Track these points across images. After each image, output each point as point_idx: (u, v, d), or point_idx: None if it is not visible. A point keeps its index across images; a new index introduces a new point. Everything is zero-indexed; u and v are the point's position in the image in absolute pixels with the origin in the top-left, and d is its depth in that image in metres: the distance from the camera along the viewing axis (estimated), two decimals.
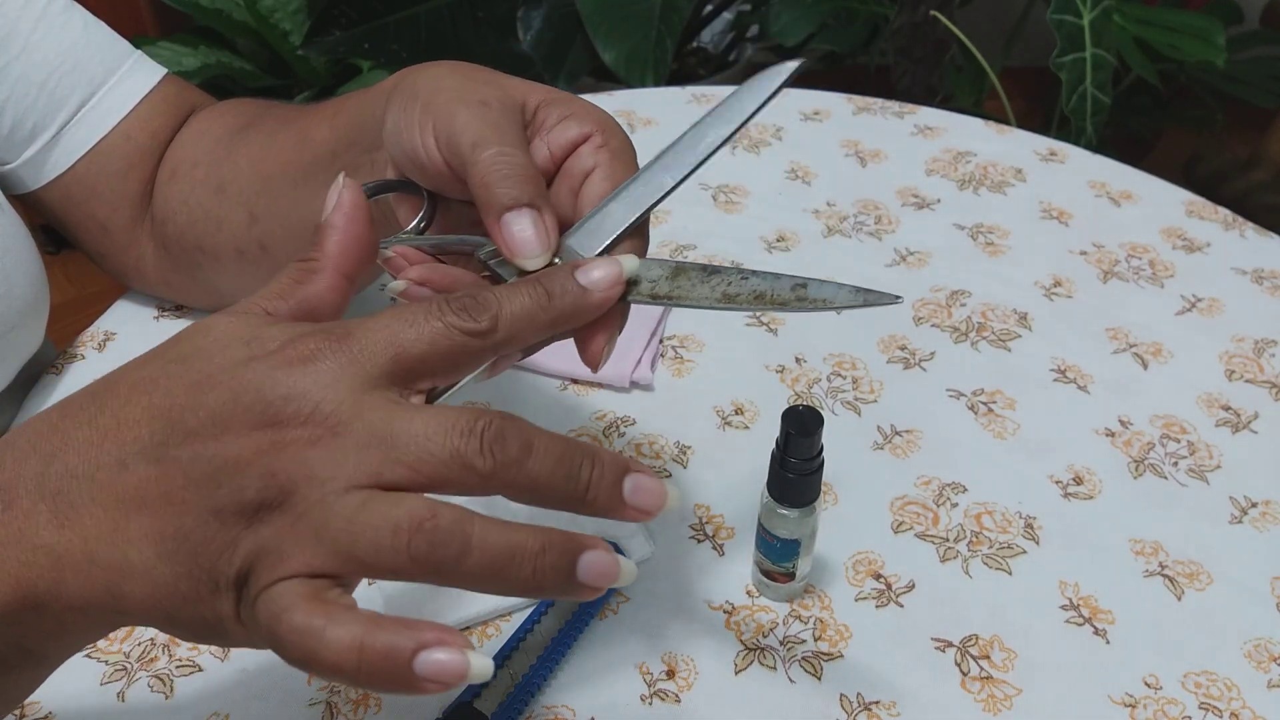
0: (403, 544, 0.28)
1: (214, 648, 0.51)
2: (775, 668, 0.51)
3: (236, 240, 0.57)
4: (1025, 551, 0.56)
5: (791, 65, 0.38)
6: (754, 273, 0.36)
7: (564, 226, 0.39)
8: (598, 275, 0.34)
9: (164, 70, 0.62)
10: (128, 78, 0.60)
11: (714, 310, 0.37)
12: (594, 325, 0.36)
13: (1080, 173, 0.84)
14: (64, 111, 0.58)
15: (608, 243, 0.37)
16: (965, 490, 0.59)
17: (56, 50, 0.57)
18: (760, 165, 0.83)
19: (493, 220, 0.37)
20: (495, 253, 0.38)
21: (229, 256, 0.58)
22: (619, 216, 0.38)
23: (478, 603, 0.52)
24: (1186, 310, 0.71)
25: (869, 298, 0.35)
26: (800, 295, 0.35)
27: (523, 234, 0.36)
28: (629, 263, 0.35)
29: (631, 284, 0.36)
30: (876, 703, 0.49)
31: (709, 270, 0.36)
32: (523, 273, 0.37)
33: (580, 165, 0.40)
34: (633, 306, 0.38)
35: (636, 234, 0.38)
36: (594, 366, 0.37)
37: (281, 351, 0.30)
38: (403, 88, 0.42)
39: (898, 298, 0.35)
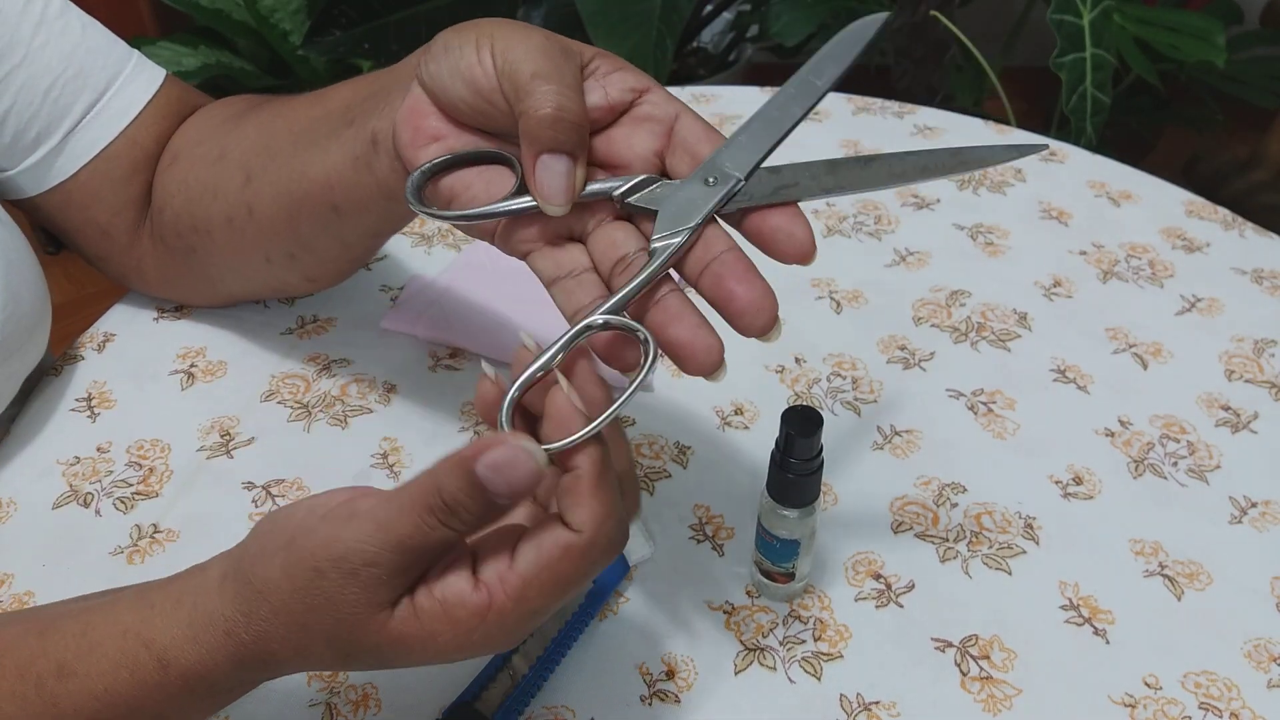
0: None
1: None
2: (775, 668, 0.51)
3: (228, 206, 0.56)
4: (1025, 551, 0.56)
5: (881, 16, 0.40)
6: (908, 153, 0.38)
7: (619, 170, 0.40)
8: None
9: (164, 72, 0.62)
10: (130, 82, 0.60)
11: (880, 190, 0.39)
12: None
13: (1080, 173, 0.84)
14: (68, 119, 0.58)
15: (757, 159, 0.38)
16: (965, 490, 0.59)
17: (58, 56, 0.57)
18: None
19: (531, 154, 0.37)
20: (632, 189, 0.38)
21: (220, 227, 0.57)
22: (760, 140, 0.39)
23: None
24: (1186, 310, 0.71)
25: (1020, 151, 0.38)
26: (961, 160, 0.38)
27: (554, 181, 0.37)
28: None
29: (793, 185, 0.38)
30: (876, 703, 0.49)
31: (864, 160, 0.38)
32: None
33: (656, 111, 0.40)
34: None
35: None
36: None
37: None
38: (453, 28, 0.42)
39: (1045, 146, 0.39)
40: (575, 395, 0.36)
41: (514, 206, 0.39)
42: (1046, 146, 0.37)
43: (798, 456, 0.47)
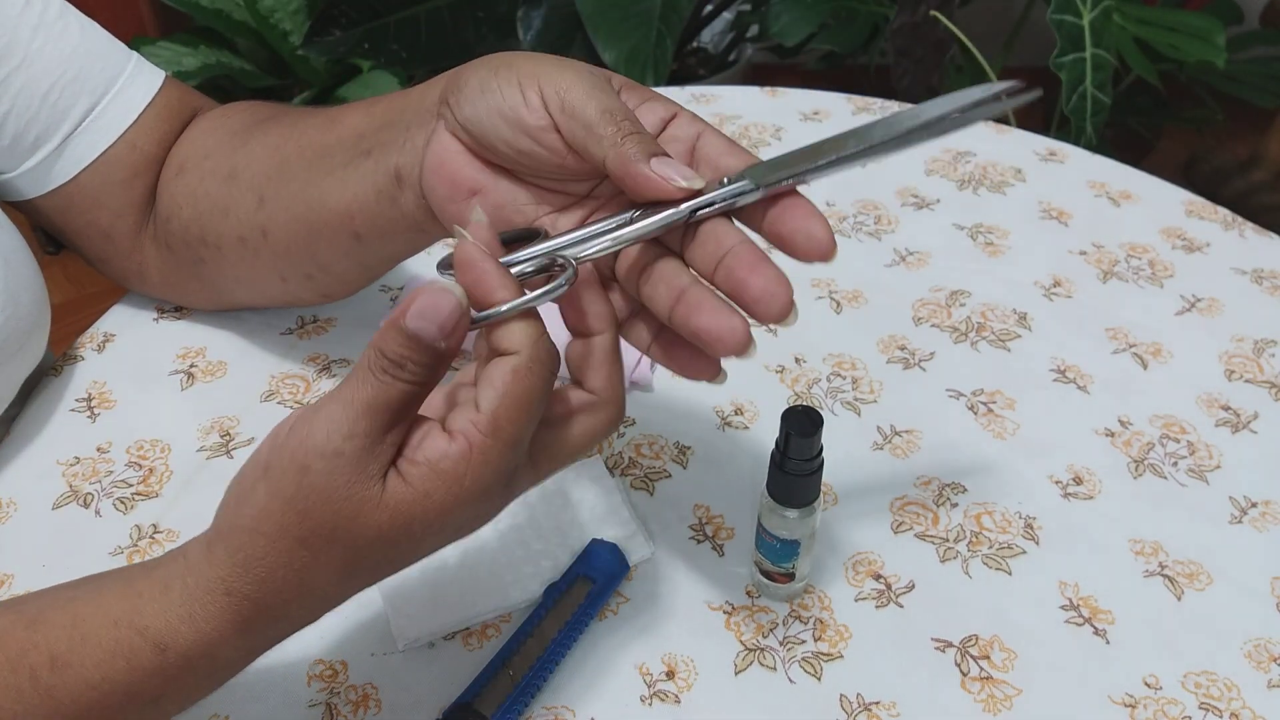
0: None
1: None
2: (775, 668, 0.51)
3: (240, 226, 0.56)
4: (1025, 552, 0.56)
5: (1002, 86, 0.39)
6: (875, 123, 0.38)
7: None
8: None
9: (164, 74, 0.62)
10: (130, 84, 0.60)
11: (854, 164, 0.39)
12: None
13: (1080, 173, 0.84)
14: (68, 122, 0.58)
15: (781, 176, 0.38)
16: (965, 490, 0.59)
17: (57, 59, 0.57)
18: None
19: (640, 166, 0.38)
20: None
21: (231, 245, 0.57)
22: (803, 159, 0.38)
23: (477, 603, 0.52)
24: (1186, 310, 0.71)
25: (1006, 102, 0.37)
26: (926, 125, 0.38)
27: (674, 168, 0.38)
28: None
29: (762, 172, 0.38)
30: (876, 703, 0.49)
31: (848, 134, 0.38)
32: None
33: (683, 133, 0.41)
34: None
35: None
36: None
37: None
38: (480, 62, 0.42)
39: (1037, 92, 0.37)
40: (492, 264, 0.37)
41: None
42: (1040, 93, 0.37)
43: (797, 456, 0.47)
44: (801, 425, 0.46)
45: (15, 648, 0.39)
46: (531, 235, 0.41)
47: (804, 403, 0.64)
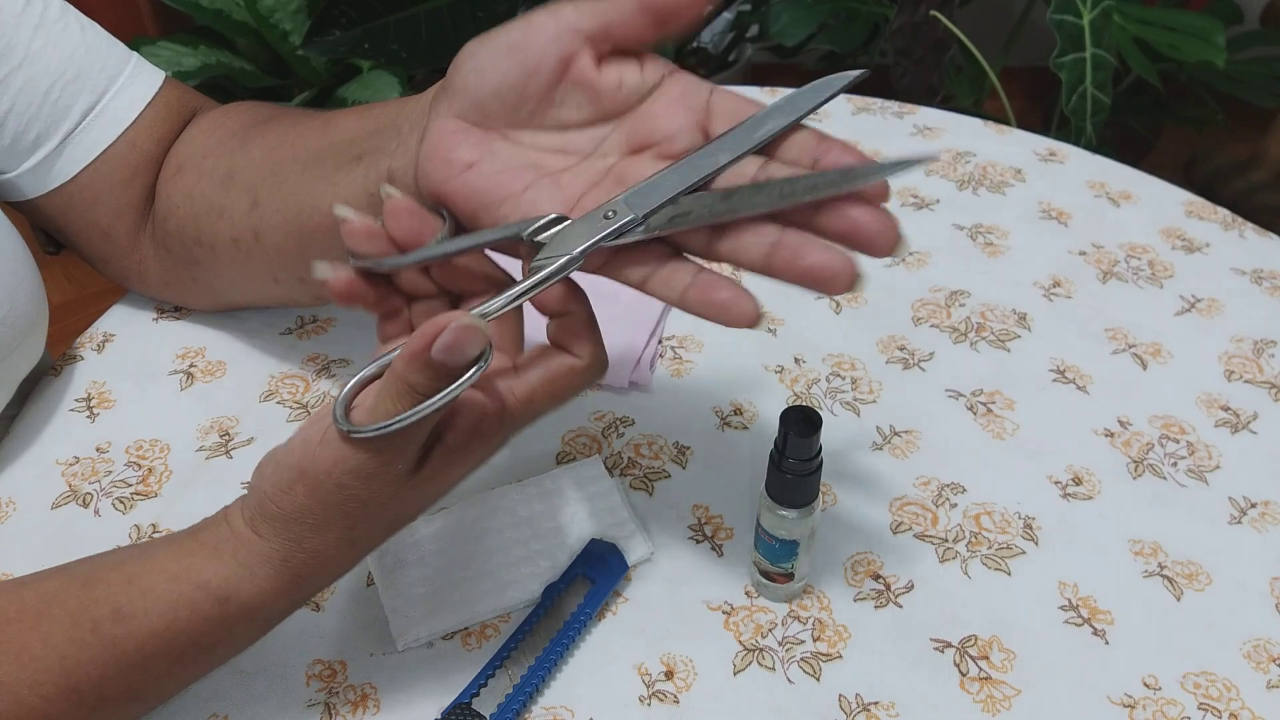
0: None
1: None
2: (774, 668, 0.51)
3: (234, 228, 0.56)
4: (1024, 552, 0.56)
5: (853, 74, 0.40)
6: (800, 177, 0.38)
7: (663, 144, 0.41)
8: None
9: (164, 74, 0.62)
10: (130, 84, 0.60)
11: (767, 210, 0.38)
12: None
13: (1079, 173, 0.84)
14: (68, 121, 0.58)
15: (659, 203, 0.39)
16: (964, 491, 0.59)
17: (57, 58, 0.57)
18: None
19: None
20: (540, 229, 0.40)
21: (225, 246, 0.57)
22: (672, 183, 0.39)
23: (477, 603, 0.52)
24: (1186, 310, 0.71)
25: (903, 166, 0.37)
26: (848, 177, 0.37)
27: None
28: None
29: (685, 214, 0.39)
30: (875, 703, 0.49)
31: (758, 186, 0.38)
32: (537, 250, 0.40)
33: (689, 91, 0.42)
34: (631, 311, 0.38)
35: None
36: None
37: None
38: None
39: (933, 158, 0.37)
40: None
41: (435, 249, 0.41)
42: (935, 158, 0.37)
43: (796, 457, 0.47)
44: (800, 425, 0.46)
45: (74, 604, 0.42)
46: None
47: (803, 403, 0.64)
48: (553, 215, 0.40)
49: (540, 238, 0.39)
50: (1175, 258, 0.75)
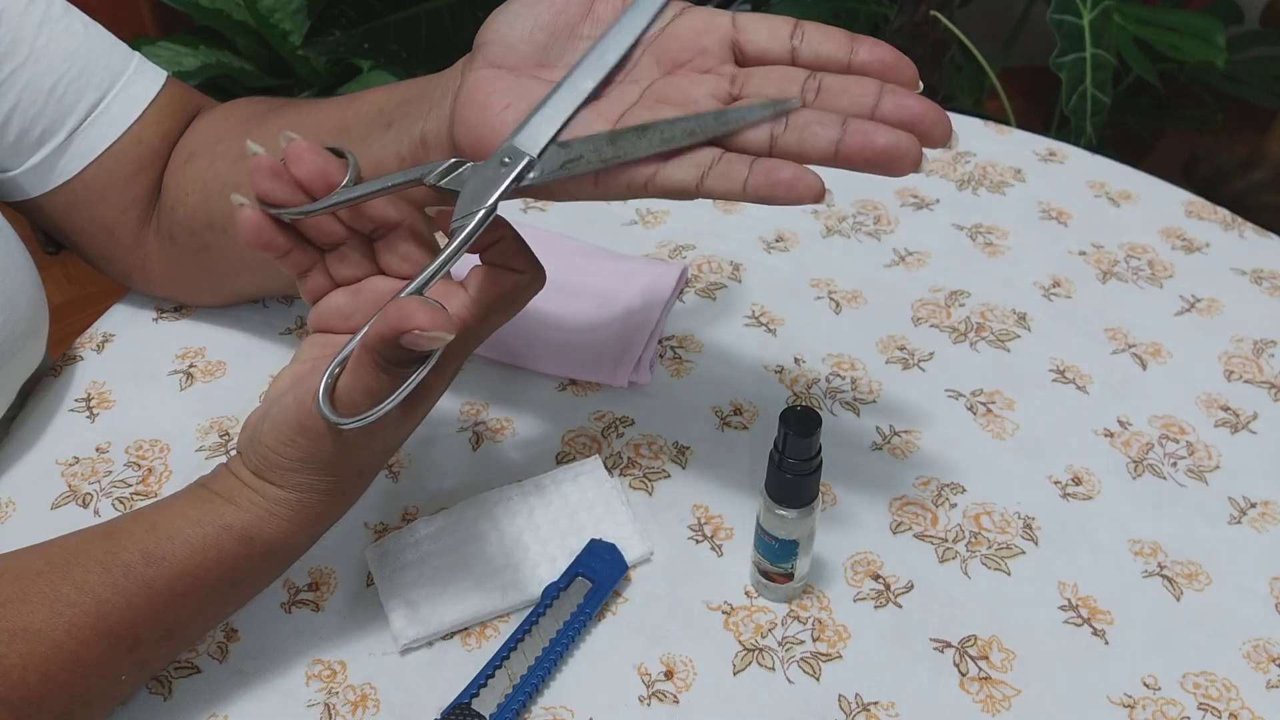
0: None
1: (211, 650, 0.51)
2: (774, 668, 0.51)
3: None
4: (1024, 552, 0.56)
5: None
6: (681, 117, 0.40)
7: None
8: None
9: (165, 73, 0.62)
10: (134, 81, 0.60)
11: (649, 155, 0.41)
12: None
13: (1079, 173, 0.84)
14: (73, 118, 0.58)
15: (551, 134, 0.42)
16: (964, 490, 0.59)
17: (62, 56, 0.57)
18: None
19: None
20: (441, 174, 0.42)
21: None
22: (552, 118, 0.42)
23: (476, 604, 0.52)
24: (1185, 310, 0.71)
25: (777, 107, 0.39)
26: (722, 121, 0.40)
27: None
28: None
29: (577, 159, 0.41)
30: (875, 703, 0.49)
31: (642, 128, 0.41)
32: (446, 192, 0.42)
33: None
34: (630, 311, 0.39)
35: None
36: None
37: None
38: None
39: (794, 101, 0.39)
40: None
41: (341, 194, 0.43)
42: (795, 104, 0.40)
43: (796, 456, 0.47)
44: (800, 425, 0.46)
45: (101, 553, 0.44)
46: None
47: (803, 403, 0.64)
48: (451, 161, 0.42)
49: (442, 182, 0.42)
50: (1175, 258, 0.75)
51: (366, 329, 0.41)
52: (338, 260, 0.45)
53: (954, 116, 0.91)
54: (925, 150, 0.40)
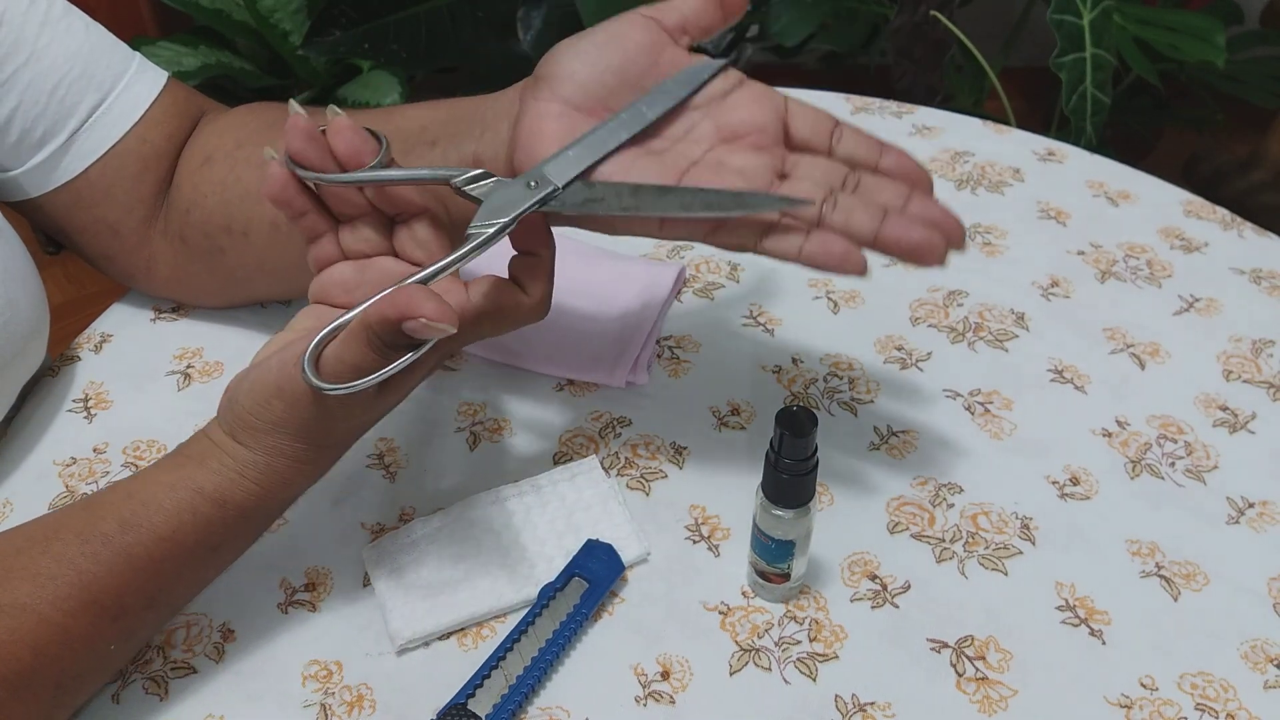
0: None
1: (207, 651, 0.51)
2: (770, 669, 0.51)
3: (273, 212, 0.56)
4: (1021, 552, 0.56)
5: (719, 63, 0.48)
6: (706, 189, 0.45)
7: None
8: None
9: (167, 74, 0.62)
10: (136, 81, 0.60)
11: (669, 216, 0.45)
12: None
13: (1078, 173, 0.83)
14: (74, 118, 0.58)
15: (578, 171, 0.45)
16: (961, 491, 0.59)
17: (63, 56, 0.57)
18: None
19: None
20: (468, 180, 0.44)
21: (260, 229, 0.58)
22: (584, 156, 0.45)
23: (473, 604, 0.52)
24: (1184, 310, 0.71)
25: (791, 204, 0.45)
26: (739, 202, 0.44)
27: None
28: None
29: (599, 200, 0.44)
30: (872, 704, 0.49)
31: (663, 189, 0.45)
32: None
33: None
34: (628, 311, 0.40)
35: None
36: None
37: None
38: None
39: (809, 201, 0.45)
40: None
41: (366, 174, 0.45)
42: (811, 202, 0.45)
43: (792, 457, 0.47)
44: (796, 425, 0.46)
45: (79, 524, 0.45)
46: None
47: (800, 403, 0.64)
48: (479, 170, 0.44)
49: (468, 187, 0.44)
50: (1174, 257, 0.75)
51: (369, 305, 0.42)
52: (351, 233, 0.47)
53: (954, 116, 0.92)
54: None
